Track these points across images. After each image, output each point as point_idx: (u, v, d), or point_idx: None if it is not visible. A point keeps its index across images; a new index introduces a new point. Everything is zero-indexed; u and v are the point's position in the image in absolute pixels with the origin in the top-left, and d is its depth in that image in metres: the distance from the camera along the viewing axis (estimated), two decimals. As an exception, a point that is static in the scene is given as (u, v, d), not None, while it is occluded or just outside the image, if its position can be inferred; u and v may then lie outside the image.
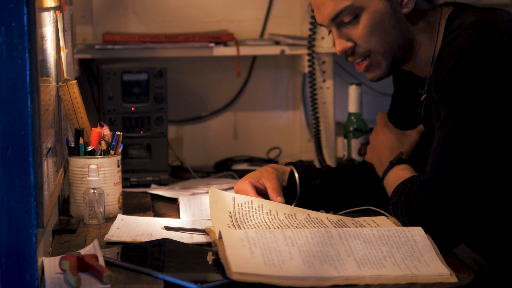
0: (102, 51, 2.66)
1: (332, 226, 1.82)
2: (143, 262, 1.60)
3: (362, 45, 1.83)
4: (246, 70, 2.93)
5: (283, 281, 1.50)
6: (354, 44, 1.84)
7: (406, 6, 1.81)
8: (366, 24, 1.80)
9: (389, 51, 1.83)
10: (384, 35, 1.81)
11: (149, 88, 2.46)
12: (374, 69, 1.86)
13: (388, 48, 1.82)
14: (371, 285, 1.52)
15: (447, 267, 1.57)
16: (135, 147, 2.48)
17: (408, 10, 1.81)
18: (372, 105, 2.92)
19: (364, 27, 1.81)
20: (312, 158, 2.80)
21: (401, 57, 1.85)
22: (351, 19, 1.81)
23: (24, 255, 1.47)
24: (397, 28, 1.81)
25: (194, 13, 2.87)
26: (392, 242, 1.63)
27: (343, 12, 1.81)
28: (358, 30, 1.82)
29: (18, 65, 1.44)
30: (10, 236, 1.47)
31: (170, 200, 2.22)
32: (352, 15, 1.81)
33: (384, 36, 1.81)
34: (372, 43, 1.82)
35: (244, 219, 1.83)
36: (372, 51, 1.83)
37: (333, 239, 1.63)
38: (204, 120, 2.95)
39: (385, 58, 1.84)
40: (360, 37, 1.82)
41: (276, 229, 1.78)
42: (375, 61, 1.85)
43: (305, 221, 1.86)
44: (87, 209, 1.93)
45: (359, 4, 1.80)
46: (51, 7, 1.86)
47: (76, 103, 2.05)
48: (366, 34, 1.81)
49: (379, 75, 1.87)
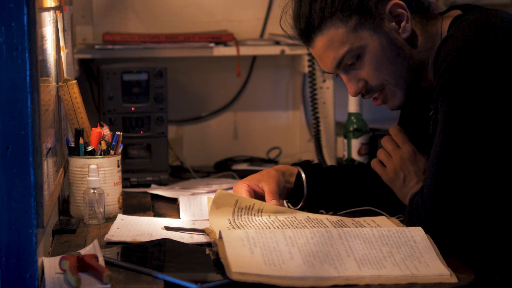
0: (102, 51, 2.66)
1: (332, 226, 1.82)
2: (143, 262, 1.60)
3: (373, 81, 1.83)
4: (246, 70, 2.93)
5: (283, 281, 1.50)
6: (365, 82, 1.84)
7: (404, 31, 1.80)
8: (370, 62, 1.80)
9: (400, 78, 1.82)
10: (391, 66, 1.81)
11: (149, 88, 2.46)
12: (391, 100, 1.86)
13: (399, 77, 1.82)
14: (371, 285, 1.51)
15: (447, 267, 1.57)
16: (135, 147, 2.48)
17: (407, 34, 1.80)
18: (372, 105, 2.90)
19: (369, 65, 1.80)
20: (312, 158, 2.80)
21: (415, 79, 1.84)
22: (355, 61, 1.81)
23: (24, 255, 1.47)
24: (401, 55, 1.80)
25: (194, 13, 2.87)
26: (392, 242, 1.63)
27: (345, 57, 1.80)
28: (364, 70, 1.82)
29: (18, 65, 1.44)
30: (10, 236, 1.47)
31: (170, 200, 2.22)
32: (354, 57, 1.80)
33: (392, 67, 1.81)
34: (382, 77, 1.82)
35: (243, 224, 1.83)
36: (385, 84, 1.83)
37: (333, 239, 1.63)
38: (204, 120, 2.95)
39: (399, 86, 1.83)
40: (369, 75, 1.82)
41: (276, 229, 1.78)
42: (389, 92, 1.84)
43: (305, 221, 1.85)
44: (87, 209, 1.93)
45: (358, 45, 1.79)
46: (51, 7, 1.86)
47: (76, 103, 2.05)
48: (373, 71, 1.81)
49: (398, 103, 1.86)
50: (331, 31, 1.80)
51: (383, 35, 1.79)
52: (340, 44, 1.80)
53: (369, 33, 1.79)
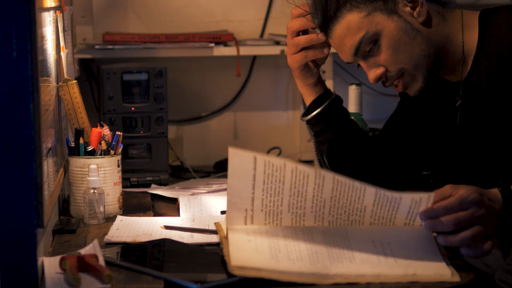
0: (102, 51, 2.66)
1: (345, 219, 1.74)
2: (143, 262, 1.60)
3: (392, 66, 1.83)
4: (246, 70, 2.93)
5: (283, 276, 1.49)
6: (385, 69, 1.84)
7: (420, 15, 1.81)
8: (387, 47, 1.81)
9: (419, 63, 1.82)
10: (409, 49, 1.81)
11: (149, 88, 2.46)
12: (412, 85, 1.86)
13: (418, 61, 1.82)
14: (372, 283, 1.51)
15: (448, 266, 1.56)
16: (135, 147, 2.48)
17: (423, 18, 1.81)
18: (372, 105, 2.92)
19: (386, 50, 1.81)
20: (312, 158, 2.80)
21: (434, 63, 1.84)
22: (372, 47, 1.82)
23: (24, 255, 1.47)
24: (418, 39, 1.81)
25: (194, 13, 2.87)
26: (394, 241, 1.63)
27: (362, 42, 1.81)
28: (382, 55, 1.82)
29: (19, 65, 1.44)
30: (10, 236, 1.46)
31: (170, 200, 2.22)
32: (371, 42, 1.81)
33: (409, 51, 1.81)
34: (400, 62, 1.82)
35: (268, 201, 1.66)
36: (404, 69, 1.83)
37: (336, 237, 1.63)
38: (204, 120, 2.95)
39: (418, 70, 1.83)
40: (387, 60, 1.82)
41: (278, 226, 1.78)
42: (409, 77, 1.85)
43: (329, 200, 1.67)
44: (87, 209, 1.93)
45: (374, 30, 1.80)
46: (51, 7, 1.86)
47: (76, 103, 2.05)
48: (391, 56, 1.82)
49: (418, 88, 1.86)
50: (347, 18, 1.81)
51: (399, 19, 1.81)
52: (357, 31, 1.81)
53: (384, 17, 1.80)
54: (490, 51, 1.79)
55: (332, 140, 2.03)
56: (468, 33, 1.84)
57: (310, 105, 2.04)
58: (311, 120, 2.03)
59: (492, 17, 1.81)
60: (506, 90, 1.77)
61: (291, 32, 1.96)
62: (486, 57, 1.79)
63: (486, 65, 1.80)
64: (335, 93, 2.05)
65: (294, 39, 1.95)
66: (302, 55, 1.96)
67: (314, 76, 2.02)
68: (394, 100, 2.21)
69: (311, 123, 2.05)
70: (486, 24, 1.81)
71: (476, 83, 1.83)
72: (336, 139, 2.02)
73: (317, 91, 2.03)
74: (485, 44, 1.80)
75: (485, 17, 1.83)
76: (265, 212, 1.65)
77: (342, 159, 2.03)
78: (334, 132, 2.02)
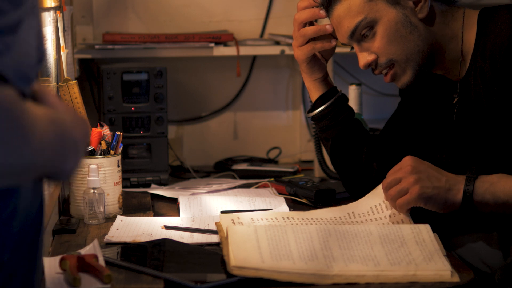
0: (102, 51, 2.66)
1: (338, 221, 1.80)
2: (143, 262, 1.60)
3: (383, 55, 1.84)
4: (246, 70, 2.93)
5: (283, 276, 1.49)
6: (376, 56, 1.85)
7: (421, 11, 1.82)
8: (382, 35, 1.82)
9: (411, 57, 1.83)
10: (403, 42, 1.82)
11: (149, 88, 2.46)
12: (400, 77, 1.87)
13: (410, 55, 1.83)
14: (372, 283, 1.51)
15: (448, 266, 1.56)
16: (135, 147, 2.48)
17: (424, 15, 1.82)
18: (372, 105, 2.92)
19: (381, 38, 1.82)
20: (312, 158, 2.80)
21: (427, 61, 1.85)
22: (367, 32, 1.83)
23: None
24: (414, 34, 1.82)
25: (194, 13, 2.87)
26: (394, 240, 1.63)
27: (359, 26, 1.82)
28: (376, 42, 1.83)
29: (18, 65, 1.44)
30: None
31: (170, 200, 2.22)
32: (368, 28, 1.82)
33: (403, 44, 1.82)
34: (392, 52, 1.83)
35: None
36: (394, 60, 1.84)
37: (335, 237, 1.63)
38: (204, 120, 2.95)
39: (409, 64, 1.84)
40: (379, 48, 1.83)
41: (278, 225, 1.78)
42: (399, 69, 1.85)
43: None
44: (87, 209, 1.93)
45: (373, 16, 1.81)
46: (51, 7, 1.86)
47: (76, 103, 2.05)
48: (384, 44, 1.82)
49: (406, 81, 1.87)
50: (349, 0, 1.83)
51: (400, 11, 1.82)
52: (356, 14, 1.82)
53: (385, 6, 1.81)
54: (486, 51, 1.79)
55: (336, 137, 2.03)
56: (468, 32, 1.84)
57: (316, 101, 2.04)
58: (317, 116, 2.04)
59: (491, 17, 1.81)
60: (497, 91, 1.78)
61: (298, 24, 1.96)
62: (482, 57, 1.80)
63: (481, 64, 1.80)
64: (341, 91, 2.06)
65: (301, 30, 1.96)
66: (310, 47, 1.97)
67: (322, 71, 2.02)
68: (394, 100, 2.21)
69: (316, 119, 2.05)
70: (485, 24, 1.81)
71: (473, 82, 1.83)
72: (341, 136, 2.03)
73: (323, 87, 2.04)
74: (482, 44, 1.80)
75: (484, 16, 1.83)
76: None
77: (345, 156, 2.03)
78: (339, 129, 2.02)
